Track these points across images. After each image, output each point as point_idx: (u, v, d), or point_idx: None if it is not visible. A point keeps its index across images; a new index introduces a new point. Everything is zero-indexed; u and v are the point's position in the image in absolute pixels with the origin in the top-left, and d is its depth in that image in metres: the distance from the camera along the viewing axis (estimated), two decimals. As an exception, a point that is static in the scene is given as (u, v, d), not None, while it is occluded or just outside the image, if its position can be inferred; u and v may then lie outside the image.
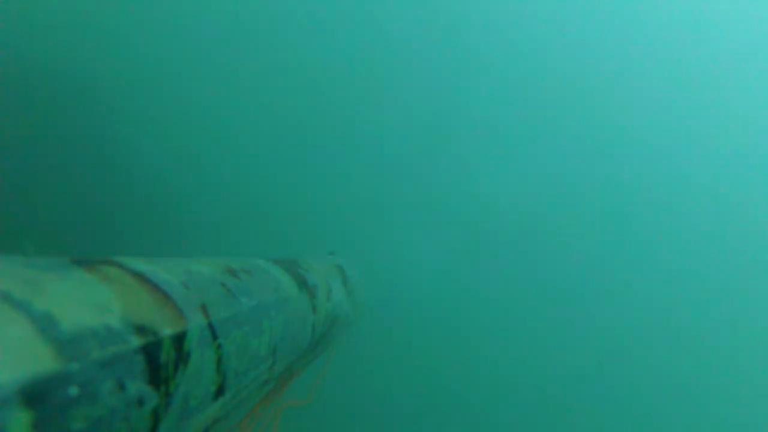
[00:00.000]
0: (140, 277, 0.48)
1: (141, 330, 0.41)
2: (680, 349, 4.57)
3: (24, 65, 3.96)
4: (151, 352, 0.42)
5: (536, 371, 4.53)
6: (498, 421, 4.44)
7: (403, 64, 4.69)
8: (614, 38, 4.61)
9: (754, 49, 4.47)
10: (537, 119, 4.72)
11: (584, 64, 4.66)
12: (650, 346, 4.60)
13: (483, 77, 4.70)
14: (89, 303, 0.37)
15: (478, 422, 4.43)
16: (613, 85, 4.70)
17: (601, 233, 4.70)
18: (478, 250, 4.67)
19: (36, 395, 0.29)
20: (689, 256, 4.68)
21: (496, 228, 4.68)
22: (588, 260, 4.68)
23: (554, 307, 4.63)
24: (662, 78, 4.62)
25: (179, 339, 0.47)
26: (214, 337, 0.56)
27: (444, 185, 4.71)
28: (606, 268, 4.68)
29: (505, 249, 4.67)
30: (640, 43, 4.59)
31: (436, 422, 4.37)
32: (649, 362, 4.58)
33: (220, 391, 0.57)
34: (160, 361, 0.43)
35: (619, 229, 4.72)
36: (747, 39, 4.47)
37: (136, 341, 0.40)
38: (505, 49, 4.65)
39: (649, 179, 4.72)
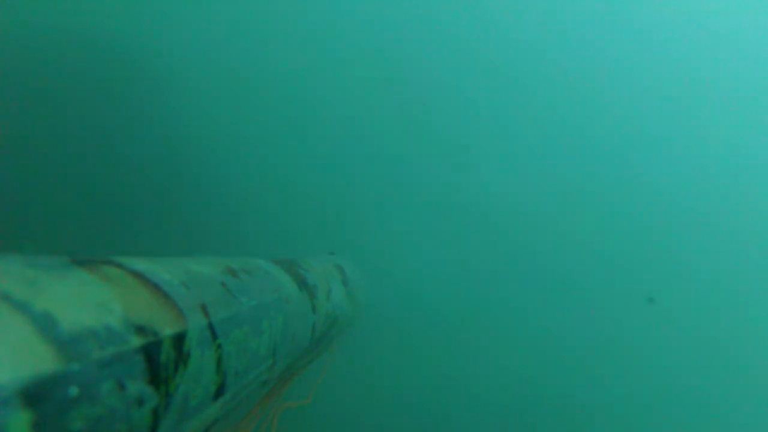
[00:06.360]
0: (140, 277, 0.48)
1: (141, 330, 0.42)
2: (688, 350, 4.57)
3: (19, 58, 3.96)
4: (151, 352, 0.42)
5: (538, 372, 4.53)
6: (498, 422, 4.44)
7: (403, 65, 4.69)
8: (617, 35, 4.61)
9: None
10: (538, 120, 4.72)
11: (585, 62, 4.66)
12: (657, 346, 4.59)
13: (483, 78, 4.70)
14: (89, 303, 0.37)
15: (478, 423, 4.43)
16: (617, 84, 4.69)
17: (604, 234, 4.70)
18: (479, 250, 4.67)
19: (36, 395, 0.29)
20: (696, 257, 4.67)
21: (497, 229, 4.67)
22: (589, 262, 4.68)
23: (556, 309, 4.62)
24: (668, 76, 4.62)
25: (179, 339, 0.47)
26: (214, 337, 0.56)
27: (445, 186, 4.71)
28: (609, 269, 4.68)
29: (506, 250, 4.67)
30: (644, 40, 4.59)
31: (435, 423, 4.37)
32: (656, 364, 4.58)
33: (220, 391, 0.57)
34: (160, 361, 0.43)
35: (622, 232, 4.72)
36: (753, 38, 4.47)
37: (136, 341, 0.40)
38: (503, 49, 4.64)
39: (653, 179, 4.71)
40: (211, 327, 0.56)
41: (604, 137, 4.70)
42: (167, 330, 0.46)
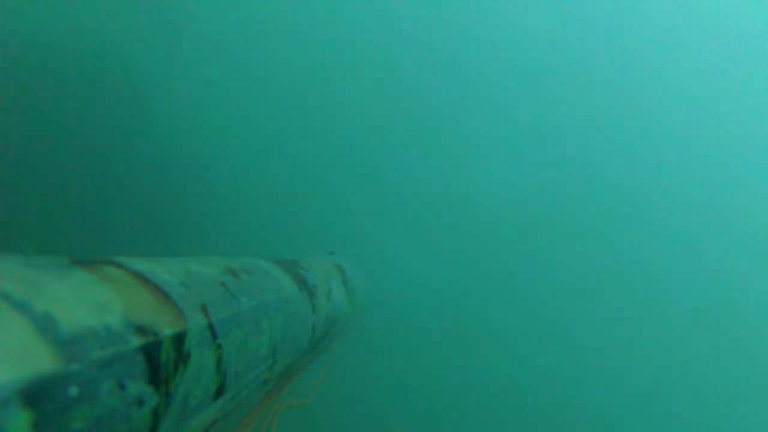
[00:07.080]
0: (140, 277, 0.48)
1: (141, 330, 0.41)
2: (678, 354, 4.57)
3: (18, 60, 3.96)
4: (151, 352, 0.42)
5: (534, 373, 4.53)
6: (495, 422, 4.44)
7: (399, 66, 4.69)
8: (610, 36, 4.61)
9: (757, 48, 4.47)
10: (534, 120, 4.72)
11: (579, 63, 4.66)
12: (649, 348, 4.59)
13: (479, 77, 4.70)
14: (89, 303, 0.37)
15: (476, 423, 4.43)
16: (610, 85, 4.69)
17: (599, 236, 4.70)
18: (477, 251, 4.67)
19: (36, 395, 0.29)
20: (690, 260, 4.67)
21: (495, 230, 4.67)
22: (585, 262, 4.68)
23: (552, 310, 4.63)
24: (664, 79, 4.62)
25: (179, 339, 0.47)
26: (214, 337, 0.56)
27: (445, 187, 4.71)
28: (604, 271, 4.68)
29: (504, 251, 4.67)
30: (639, 40, 4.59)
31: (434, 423, 4.37)
32: (648, 365, 4.58)
33: (220, 391, 0.57)
34: (160, 361, 0.43)
35: (618, 233, 4.71)
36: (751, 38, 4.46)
37: (136, 341, 0.40)
38: (497, 50, 4.64)
39: (647, 182, 4.71)
40: (211, 327, 0.55)
41: (600, 139, 4.69)
42: (167, 330, 0.46)
